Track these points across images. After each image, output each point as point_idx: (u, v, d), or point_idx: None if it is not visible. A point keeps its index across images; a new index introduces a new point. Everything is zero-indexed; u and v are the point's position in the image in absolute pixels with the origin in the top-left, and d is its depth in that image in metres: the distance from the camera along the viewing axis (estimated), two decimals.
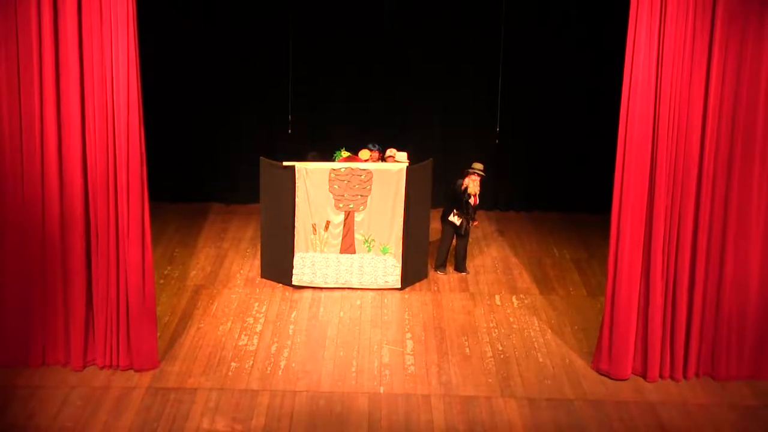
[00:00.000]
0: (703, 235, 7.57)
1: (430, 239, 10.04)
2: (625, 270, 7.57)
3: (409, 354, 8.21)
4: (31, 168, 7.40)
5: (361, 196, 9.30)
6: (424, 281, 9.74)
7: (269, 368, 7.89)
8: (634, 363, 7.78)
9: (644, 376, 7.77)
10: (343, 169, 9.25)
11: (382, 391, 7.59)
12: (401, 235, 9.39)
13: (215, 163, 11.85)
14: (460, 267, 9.95)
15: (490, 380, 7.78)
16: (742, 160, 7.50)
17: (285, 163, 9.26)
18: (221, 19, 11.45)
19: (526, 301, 9.34)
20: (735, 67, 7.33)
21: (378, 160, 9.74)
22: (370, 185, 9.27)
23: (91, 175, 7.40)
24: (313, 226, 9.35)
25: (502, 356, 8.19)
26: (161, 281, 9.51)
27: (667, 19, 7.16)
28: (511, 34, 11.18)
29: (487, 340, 8.49)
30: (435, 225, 10.71)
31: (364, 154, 9.62)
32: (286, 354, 8.15)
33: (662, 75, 7.26)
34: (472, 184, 9.60)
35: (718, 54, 7.27)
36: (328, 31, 11.48)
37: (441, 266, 9.92)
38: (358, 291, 9.45)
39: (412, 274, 9.59)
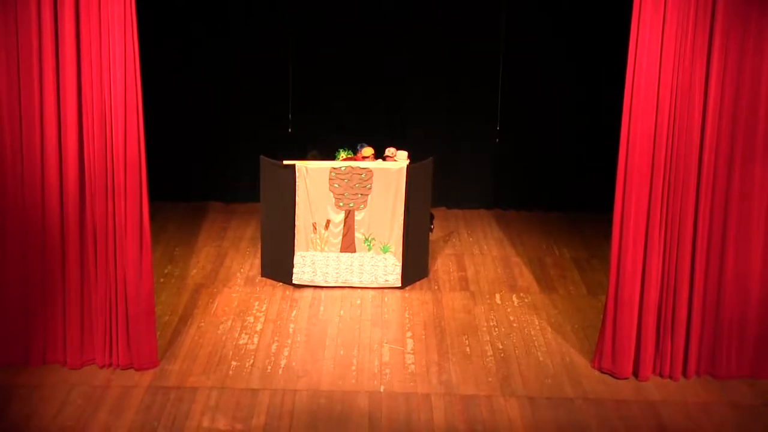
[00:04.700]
0: (703, 233, 7.57)
1: (431, 238, 10.03)
2: (629, 269, 7.56)
3: (409, 353, 8.21)
4: (31, 168, 7.40)
5: (362, 195, 9.30)
6: (425, 280, 9.74)
7: (269, 367, 7.89)
8: (634, 362, 7.77)
9: (644, 375, 7.75)
10: (343, 168, 9.25)
11: (382, 389, 7.58)
12: (401, 234, 9.39)
13: (215, 162, 11.85)
14: None
15: (490, 379, 7.77)
16: (742, 157, 7.49)
17: (285, 162, 9.26)
18: (222, 18, 11.44)
19: (526, 300, 9.34)
20: (735, 64, 7.32)
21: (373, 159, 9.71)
22: (371, 184, 9.27)
23: (90, 174, 7.40)
24: (313, 225, 9.35)
25: (502, 355, 8.19)
26: (161, 280, 9.50)
27: (668, 16, 7.16)
28: (511, 34, 11.18)
29: (488, 338, 8.49)
30: (435, 224, 10.73)
31: (367, 151, 9.58)
32: (286, 353, 8.14)
33: (663, 73, 7.25)
34: None
35: (718, 52, 7.25)
36: (328, 31, 11.46)
37: None
38: (359, 290, 9.45)
39: (412, 272, 9.59)
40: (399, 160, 9.53)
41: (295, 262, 9.42)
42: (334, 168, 9.25)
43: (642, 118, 7.32)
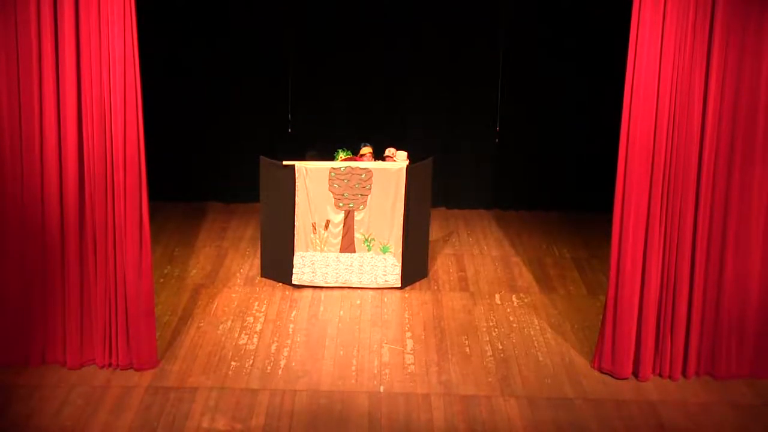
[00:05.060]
0: (703, 233, 7.56)
1: (430, 238, 10.02)
2: (628, 269, 7.55)
3: (408, 353, 8.20)
4: (30, 168, 7.39)
5: (361, 195, 9.29)
6: (424, 280, 9.73)
7: (269, 367, 7.88)
8: (634, 362, 7.77)
9: (644, 376, 7.74)
10: (343, 168, 9.24)
11: (382, 390, 7.58)
12: (401, 234, 9.38)
13: (215, 162, 11.83)
14: None
15: (490, 379, 7.77)
16: (742, 157, 7.47)
17: (285, 163, 9.25)
18: (222, 18, 11.42)
19: (526, 300, 9.33)
20: (735, 64, 7.31)
21: (372, 159, 9.68)
22: (370, 184, 9.26)
23: (90, 174, 7.39)
24: (313, 225, 9.34)
25: (502, 355, 8.18)
26: (161, 280, 9.49)
27: (667, 15, 7.15)
28: (511, 33, 11.16)
29: (487, 339, 8.48)
30: (435, 224, 10.72)
31: (365, 149, 9.56)
32: (286, 353, 8.13)
33: (662, 73, 7.24)
34: None
35: (718, 51, 7.25)
36: (328, 31, 11.45)
37: None
38: (358, 290, 9.44)
39: (412, 273, 9.58)
40: (398, 160, 9.51)
41: (294, 262, 9.40)
42: (334, 168, 9.24)
43: (642, 117, 7.31)
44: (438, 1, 11.33)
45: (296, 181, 9.22)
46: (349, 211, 9.34)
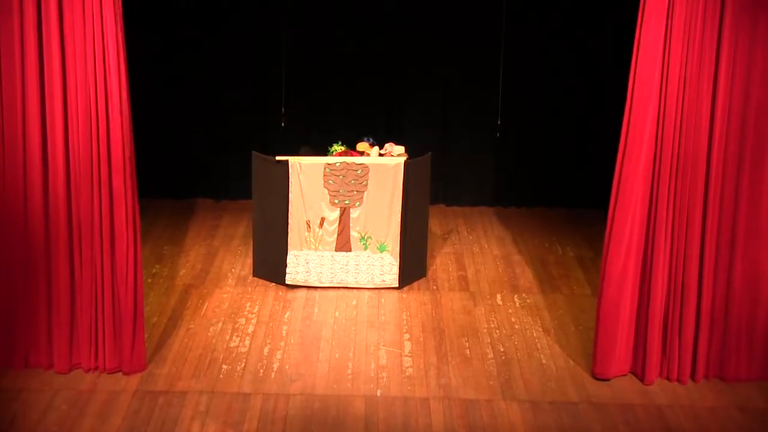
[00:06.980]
0: (711, 235, 7.45)
1: (429, 236, 9.90)
2: (616, 270, 7.46)
3: (407, 355, 8.09)
4: (13, 165, 7.24)
5: (357, 191, 9.14)
6: (423, 280, 9.61)
7: (262, 370, 7.76)
8: (641, 365, 7.67)
9: (650, 379, 7.63)
10: (338, 164, 9.08)
11: (379, 394, 7.46)
12: (399, 232, 9.24)
13: (205, 158, 11.71)
14: None
15: (491, 382, 7.65)
16: (752, 155, 7.35)
17: (278, 158, 9.12)
18: (213, 13, 11.31)
19: (528, 301, 9.21)
20: (745, 61, 7.19)
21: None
22: (367, 180, 9.11)
23: (75, 171, 7.25)
24: (307, 223, 9.19)
25: (503, 358, 8.06)
26: (149, 280, 9.37)
27: (675, 12, 7.03)
28: (513, 28, 11.10)
29: (488, 341, 8.37)
30: (434, 221, 10.62)
31: (362, 146, 9.43)
32: (279, 356, 8.02)
33: (670, 70, 7.12)
34: None
35: (727, 48, 7.12)
36: (323, 24, 11.35)
37: None
38: (354, 290, 9.33)
39: (410, 272, 9.46)
40: (396, 155, 9.38)
41: (288, 261, 9.27)
42: (329, 164, 9.10)
43: (642, 115, 7.20)
44: None
45: (290, 177, 9.08)
46: (344, 208, 9.19)
